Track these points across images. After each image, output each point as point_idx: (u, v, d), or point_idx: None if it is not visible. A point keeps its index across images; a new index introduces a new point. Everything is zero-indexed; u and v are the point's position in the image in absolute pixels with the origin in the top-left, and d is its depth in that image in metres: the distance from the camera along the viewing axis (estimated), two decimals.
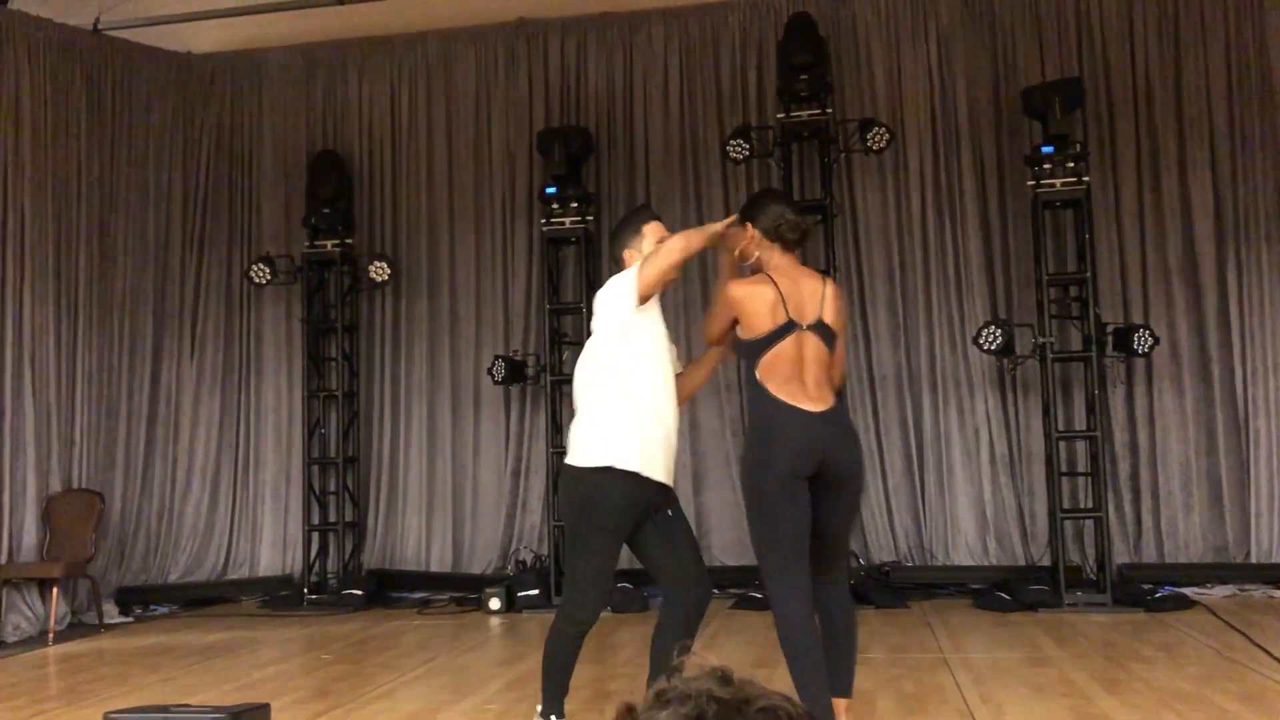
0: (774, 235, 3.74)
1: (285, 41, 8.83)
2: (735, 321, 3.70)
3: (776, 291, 3.61)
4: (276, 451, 8.67)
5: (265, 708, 4.47)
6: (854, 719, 3.73)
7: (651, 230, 3.94)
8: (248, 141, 8.96)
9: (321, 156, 8.49)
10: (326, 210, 8.27)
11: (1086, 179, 7.03)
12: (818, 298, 3.65)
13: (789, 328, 3.58)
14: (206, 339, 8.76)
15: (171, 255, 8.71)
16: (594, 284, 8.00)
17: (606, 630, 6.63)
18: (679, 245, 3.76)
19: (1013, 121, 7.75)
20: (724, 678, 1.08)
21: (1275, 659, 4.98)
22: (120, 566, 8.11)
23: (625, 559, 8.15)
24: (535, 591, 7.39)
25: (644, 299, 3.71)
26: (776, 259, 3.73)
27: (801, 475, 3.52)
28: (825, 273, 3.97)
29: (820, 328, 3.62)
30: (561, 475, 3.86)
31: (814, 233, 7.74)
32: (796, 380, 3.56)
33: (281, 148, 8.88)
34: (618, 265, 3.96)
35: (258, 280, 8.28)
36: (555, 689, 3.77)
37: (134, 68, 8.49)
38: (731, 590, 7.47)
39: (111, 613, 7.64)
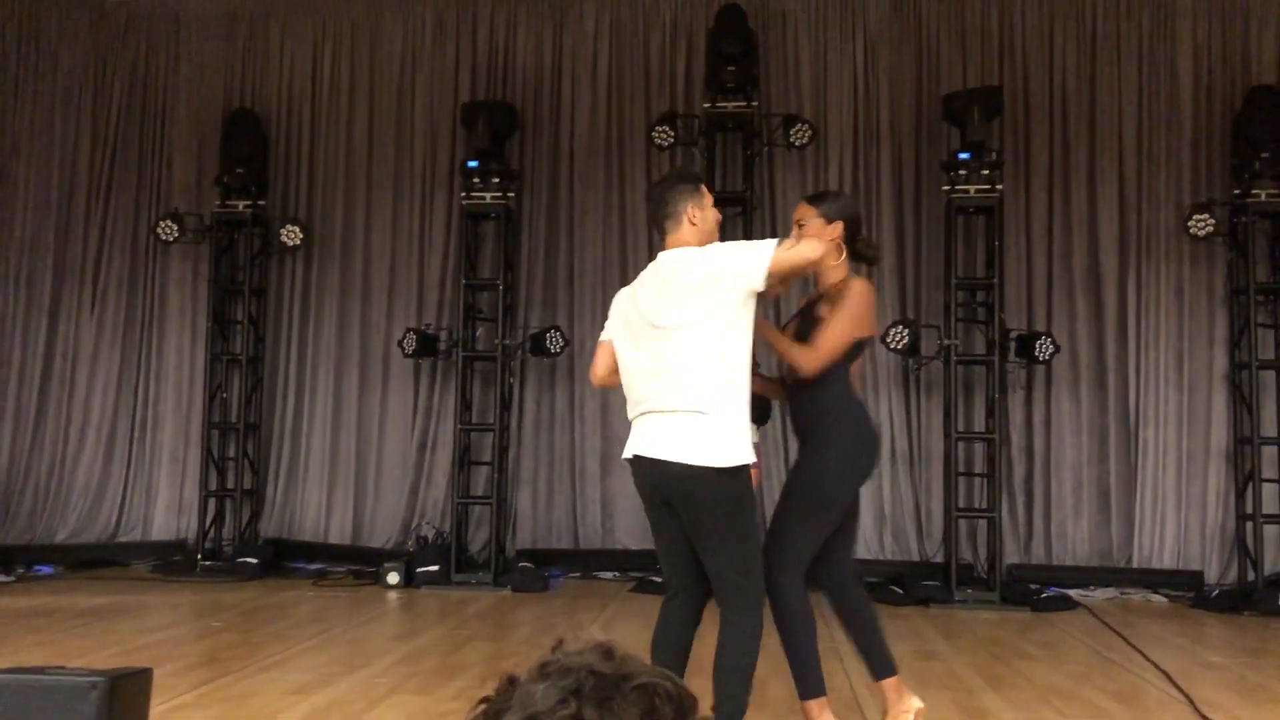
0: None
1: None
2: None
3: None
4: (176, 413, 8.46)
5: (147, 673, 4.35)
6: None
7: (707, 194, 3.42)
8: (161, 94, 8.69)
9: (237, 114, 8.28)
10: (240, 170, 8.06)
11: (1000, 187, 7.20)
12: None
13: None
14: (108, 293, 8.50)
15: (75, 206, 8.43)
16: (512, 261, 7.98)
17: (506, 608, 6.63)
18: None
19: (932, 126, 7.89)
20: (606, 652, 1.08)
21: (1148, 660, 5.18)
22: (3, 524, 7.85)
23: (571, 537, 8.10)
24: (435, 568, 7.34)
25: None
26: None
27: None
28: None
29: None
30: (694, 478, 3.15)
31: (733, 225, 7.81)
32: None
33: (196, 103, 8.64)
34: (668, 222, 3.35)
35: (165, 237, 8.05)
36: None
37: (42, 9, 8.20)
38: (633, 574, 7.51)
39: None
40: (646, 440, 3.25)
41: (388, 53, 8.52)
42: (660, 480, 3.23)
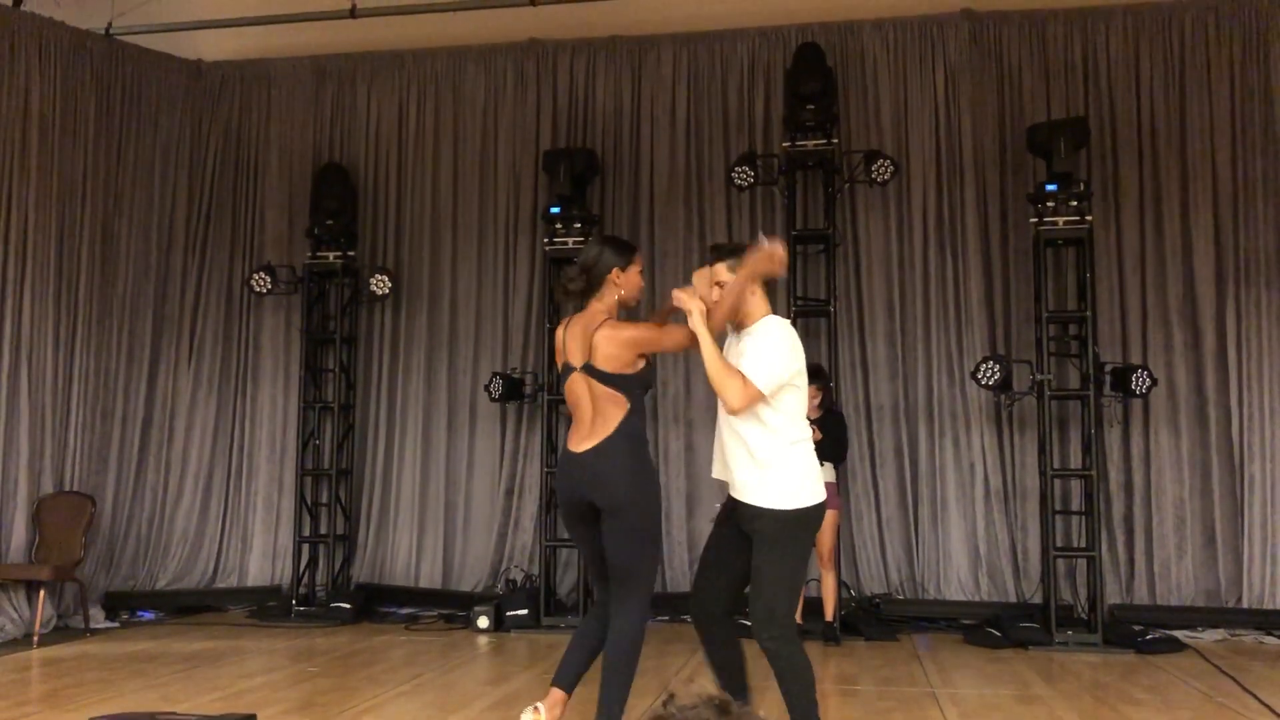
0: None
1: (295, 52, 8.87)
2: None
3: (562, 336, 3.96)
4: (270, 461, 8.64)
5: (251, 718, 4.45)
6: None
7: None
8: (254, 150, 8.98)
9: (327, 168, 8.51)
10: (330, 222, 8.28)
11: (1089, 218, 7.05)
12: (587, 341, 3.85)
13: (566, 369, 3.92)
14: (205, 345, 8.75)
15: (173, 261, 8.71)
16: None
17: None
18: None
19: (1017, 158, 7.78)
20: (722, 708, 1.06)
21: (1264, 704, 4.97)
22: (109, 571, 8.07)
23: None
24: (524, 611, 7.36)
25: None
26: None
27: (570, 512, 3.94)
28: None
29: (588, 368, 3.83)
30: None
31: (815, 262, 7.77)
32: (576, 420, 3.89)
33: (287, 157, 8.91)
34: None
35: (259, 289, 8.29)
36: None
37: (144, 73, 8.52)
38: None
39: (98, 617, 7.59)
40: None
41: (470, 104, 8.69)
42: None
